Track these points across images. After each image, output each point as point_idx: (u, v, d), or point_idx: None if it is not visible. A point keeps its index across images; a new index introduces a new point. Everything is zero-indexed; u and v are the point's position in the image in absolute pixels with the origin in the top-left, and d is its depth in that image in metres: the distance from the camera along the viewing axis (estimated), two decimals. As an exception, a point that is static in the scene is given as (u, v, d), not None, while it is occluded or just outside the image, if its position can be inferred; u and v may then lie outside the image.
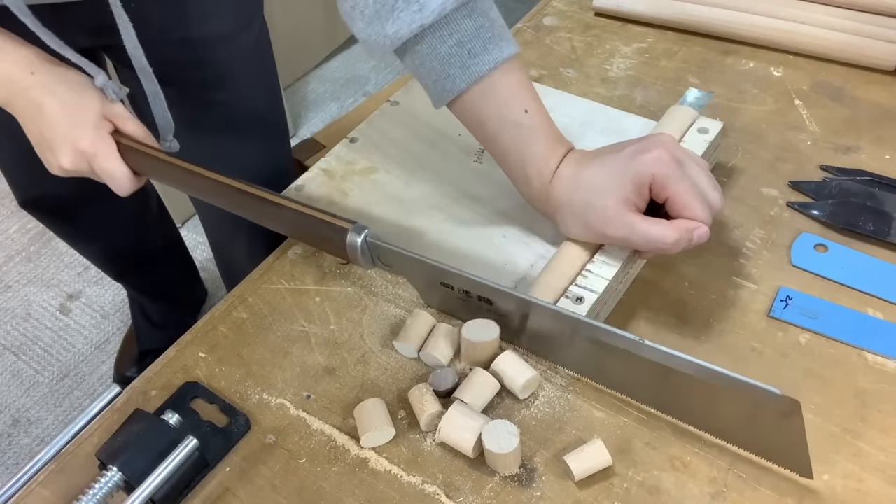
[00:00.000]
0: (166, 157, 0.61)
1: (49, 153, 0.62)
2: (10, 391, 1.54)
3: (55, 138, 0.60)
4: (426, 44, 0.57)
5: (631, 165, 0.55)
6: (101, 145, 0.60)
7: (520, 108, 0.59)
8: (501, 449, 0.50)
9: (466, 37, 0.57)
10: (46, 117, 0.60)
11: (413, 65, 0.60)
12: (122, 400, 0.59)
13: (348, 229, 0.57)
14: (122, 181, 0.62)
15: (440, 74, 0.58)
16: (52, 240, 1.81)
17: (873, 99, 0.77)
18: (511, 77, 0.59)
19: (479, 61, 0.57)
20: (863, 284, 0.61)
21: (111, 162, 0.61)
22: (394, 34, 0.56)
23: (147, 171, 0.63)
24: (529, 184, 0.61)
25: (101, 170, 0.61)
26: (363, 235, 0.57)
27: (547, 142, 0.59)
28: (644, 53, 0.86)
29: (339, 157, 0.75)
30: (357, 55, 2.27)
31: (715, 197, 0.55)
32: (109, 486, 0.50)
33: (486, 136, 0.61)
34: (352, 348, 0.61)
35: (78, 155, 0.61)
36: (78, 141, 0.60)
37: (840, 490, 0.50)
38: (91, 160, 0.61)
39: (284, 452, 0.55)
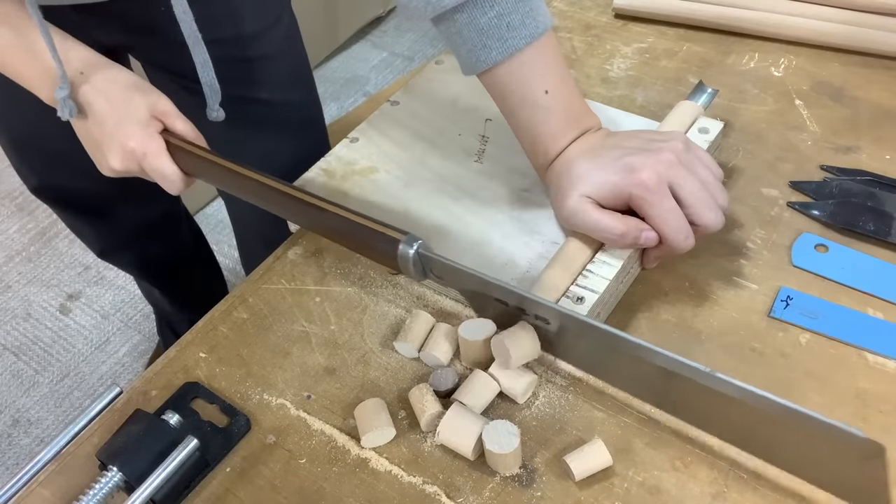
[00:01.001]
0: (216, 157, 0.60)
1: (99, 153, 0.62)
2: (10, 391, 1.54)
3: (104, 138, 0.60)
4: (467, 13, 0.58)
5: (614, 178, 0.57)
6: (151, 144, 0.60)
7: (541, 88, 0.60)
8: (502, 449, 0.50)
9: (507, 9, 0.58)
10: (96, 117, 0.60)
11: (448, 33, 0.61)
12: (122, 400, 0.59)
13: (400, 241, 0.55)
14: (174, 180, 0.61)
15: (476, 45, 0.59)
16: (52, 240, 1.81)
17: (873, 99, 0.77)
18: (540, 53, 0.60)
19: (517, 35, 0.58)
20: (863, 284, 0.61)
21: (161, 161, 0.60)
22: (437, 2, 0.57)
23: (196, 171, 0.62)
24: (535, 157, 0.64)
25: (151, 169, 0.61)
26: (415, 247, 0.55)
27: (560, 123, 0.61)
28: (644, 53, 0.86)
29: (339, 157, 0.75)
30: (357, 55, 2.27)
31: (710, 218, 0.56)
32: (109, 487, 0.50)
33: (505, 108, 0.63)
34: (352, 348, 0.61)
35: (127, 155, 0.60)
36: (126, 140, 0.59)
37: (840, 490, 0.50)
38: (141, 160, 0.60)
39: (285, 452, 0.55)
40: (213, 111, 0.68)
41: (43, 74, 0.60)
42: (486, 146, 0.74)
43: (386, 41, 2.33)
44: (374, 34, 2.36)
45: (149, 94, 0.61)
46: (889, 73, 0.79)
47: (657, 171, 0.55)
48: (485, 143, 0.74)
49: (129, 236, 1.13)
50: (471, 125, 0.76)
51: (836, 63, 0.81)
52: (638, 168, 0.56)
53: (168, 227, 1.17)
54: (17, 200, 1.91)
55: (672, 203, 0.56)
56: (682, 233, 0.56)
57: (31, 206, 1.89)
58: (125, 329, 1.64)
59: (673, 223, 0.55)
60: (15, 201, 1.91)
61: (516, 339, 0.54)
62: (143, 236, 1.13)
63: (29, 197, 1.89)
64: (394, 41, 2.32)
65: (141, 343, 1.61)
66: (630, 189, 0.56)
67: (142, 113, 0.60)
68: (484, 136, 0.75)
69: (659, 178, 0.55)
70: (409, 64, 2.23)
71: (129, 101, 0.60)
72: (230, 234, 1.81)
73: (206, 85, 0.65)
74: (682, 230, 0.56)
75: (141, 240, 1.13)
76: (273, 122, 0.87)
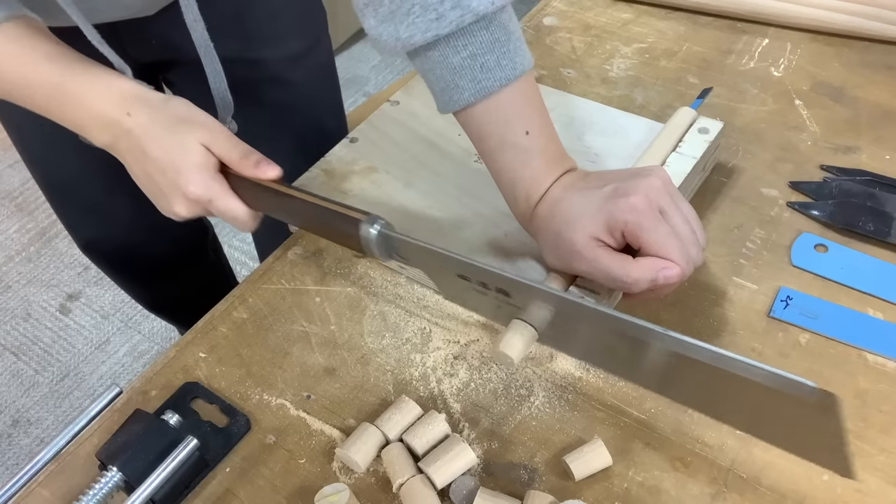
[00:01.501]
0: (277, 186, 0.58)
1: (163, 200, 0.59)
2: (10, 391, 1.54)
3: (165, 185, 0.58)
4: (438, 52, 0.56)
5: (606, 207, 0.53)
6: (214, 187, 0.57)
7: (522, 128, 0.57)
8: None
9: (481, 50, 0.55)
10: (152, 163, 0.57)
11: (422, 68, 0.58)
12: (122, 400, 0.59)
13: (361, 220, 0.54)
14: (245, 220, 0.59)
15: (448, 83, 0.57)
16: (52, 240, 1.81)
17: (873, 99, 0.77)
18: (519, 95, 0.57)
19: (491, 76, 0.55)
20: (863, 284, 0.61)
21: (228, 202, 0.58)
22: (406, 38, 0.55)
23: (260, 203, 0.60)
24: (517, 204, 0.60)
25: (220, 213, 0.59)
26: (377, 227, 0.54)
27: (542, 165, 0.58)
28: (644, 53, 0.86)
29: (339, 157, 0.75)
30: (357, 55, 2.27)
31: (694, 252, 0.52)
32: (109, 487, 0.50)
33: (484, 150, 0.60)
34: (352, 348, 0.61)
35: (192, 202, 0.58)
36: (188, 187, 0.57)
37: (840, 490, 0.50)
38: (207, 205, 0.58)
39: (284, 452, 0.55)
40: (225, 123, 0.66)
41: (94, 117, 0.57)
42: (486, 146, 0.74)
43: (386, 41, 2.33)
44: (374, 34, 2.36)
45: (196, 126, 0.58)
46: (889, 73, 0.79)
47: (648, 195, 0.52)
48: (485, 143, 0.74)
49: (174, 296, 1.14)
50: (471, 125, 0.76)
51: (837, 63, 0.81)
52: (629, 192, 0.52)
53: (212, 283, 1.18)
54: (16, 200, 1.91)
55: (668, 227, 0.52)
56: (685, 257, 0.52)
57: (31, 206, 1.89)
58: (125, 329, 1.64)
59: (675, 247, 0.51)
60: (15, 201, 1.91)
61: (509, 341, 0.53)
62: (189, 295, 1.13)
63: (29, 197, 1.90)
64: (394, 41, 2.32)
65: (141, 343, 1.61)
66: (623, 215, 0.51)
67: (197, 154, 0.57)
68: (484, 136, 0.75)
69: (650, 202, 0.52)
70: (409, 64, 2.23)
71: (183, 144, 0.57)
72: (230, 234, 1.81)
73: (217, 95, 0.64)
74: (685, 254, 0.51)
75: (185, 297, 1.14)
76: (304, 148, 0.86)
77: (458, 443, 0.52)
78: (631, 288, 0.52)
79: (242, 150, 0.58)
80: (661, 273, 0.50)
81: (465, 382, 0.58)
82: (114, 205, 0.92)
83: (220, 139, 0.58)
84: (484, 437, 0.54)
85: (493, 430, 0.55)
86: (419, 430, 0.53)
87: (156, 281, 1.10)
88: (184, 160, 0.56)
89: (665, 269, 0.50)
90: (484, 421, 0.55)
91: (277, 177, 0.58)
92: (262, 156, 0.58)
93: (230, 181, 0.58)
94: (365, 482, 0.53)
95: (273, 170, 0.58)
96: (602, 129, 0.74)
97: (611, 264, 0.52)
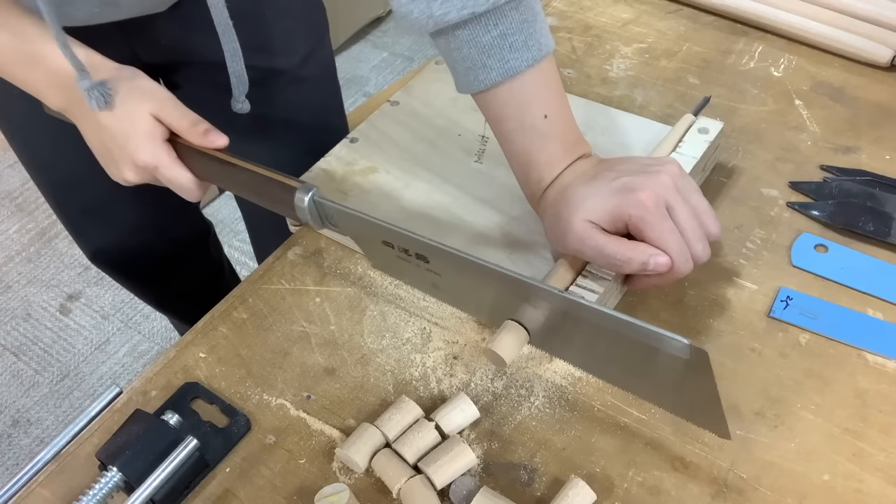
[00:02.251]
0: (221, 155, 0.60)
1: (112, 166, 0.61)
2: (10, 391, 1.54)
3: (114, 151, 0.59)
4: (469, 30, 0.56)
5: (613, 200, 0.54)
6: (161, 155, 0.59)
7: (541, 112, 0.58)
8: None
9: (511, 29, 0.56)
10: (103, 130, 0.59)
11: (447, 48, 0.58)
12: (122, 400, 0.59)
13: (297, 188, 0.57)
14: (190, 188, 0.61)
15: (475, 63, 0.57)
16: (53, 240, 1.81)
17: (873, 99, 0.77)
18: (541, 77, 0.58)
19: (518, 56, 0.56)
20: (863, 285, 0.61)
21: (175, 171, 0.59)
22: (440, 16, 0.55)
23: (208, 173, 0.61)
24: (528, 185, 0.61)
25: (166, 180, 0.60)
26: (310, 194, 0.56)
27: (557, 149, 0.59)
28: (644, 53, 0.86)
29: (339, 157, 0.75)
30: (357, 55, 2.27)
31: (698, 248, 0.54)
32: (109, 487, 0.50)
33: (501, 132, 0.60)
34: (352, 348, 0.61)
35: (139, 169, 0.60)
36: (136, 154, 0.58)
37: (840, 490, 0.50)
38: (154, 172, 0.60)
39: (284, 453, 0.55)
40: (238, 102, 0.67)
41: (50, 78, 0.59)
42: (486, 146, 0.74)
43: (386, 41, 2.33)
44: (374, 34, 2.36)
45: (146, 95, 0.59)
46: (889, 73, 0.80)
47: (656, 192, 0.53)
48: (485, 143, 0.74)
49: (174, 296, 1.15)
50: (471, 125, 0.76)
51: (836, 63, 0.81)
52: (637, 188, 0.53)
53: (211, 282, 1.18)
54: (17, 200, 1.91)
55: (671, 225, 0.53)
56: (684, 255, 0.53)
57: (31, 206, 1.89)
58: (125, 329, 1.64)
59: (674, 245, 0.52)
60: (15, 201, 1.91)
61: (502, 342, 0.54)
62: (189, 292, 1.14)
63: (29, 197, 1.90)
64: (394, 41, 2.32)
65: (141, 343, 1.61)
66: (630, 210, 0.53)
67: (145, 122, 0.58)
68: (484, 136, 0.75)
69: (658, 199, 0.53)
70: (409, 64, 2.23)
71: (133, 112, 0.58)
72: (230, 234, 1.81)
73: (233, 75, 0.64)
74: (684, 252, 0.53)
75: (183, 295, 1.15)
76: (307, 152, 0.88)
77: (458, 443, 0.52)
78: (622, 267, 0.53)
79: (191, 119, 0.59)
80: (652, 258, 0.52)
81: (465, 382, 0.58)
82: (116, 206, 0.92)
83: (169, 108, 0.59)
84: (484, 437, 0.54)
85: (493, 431, 0.55)
86: (409, 438, 0.53)
87: (161, 280, 1.10)
88: (132, 128, 0.58)
89: (656, 255, 0.52)
90: (484, 421, 0.55)
91: (224, 146, 0.59)
92: (210, 125, 0.60)
93: (177, 150, 0.60)
94: (365, 482, 0.53)
95: (220, 139, 0.59)
96: (602, 129, 0.74)
97: (606, 243, 0.53)
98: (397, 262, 0.59)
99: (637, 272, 0.53)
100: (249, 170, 0.59)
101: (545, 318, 0.53)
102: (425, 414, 0.54)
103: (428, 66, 0.84)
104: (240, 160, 0.59)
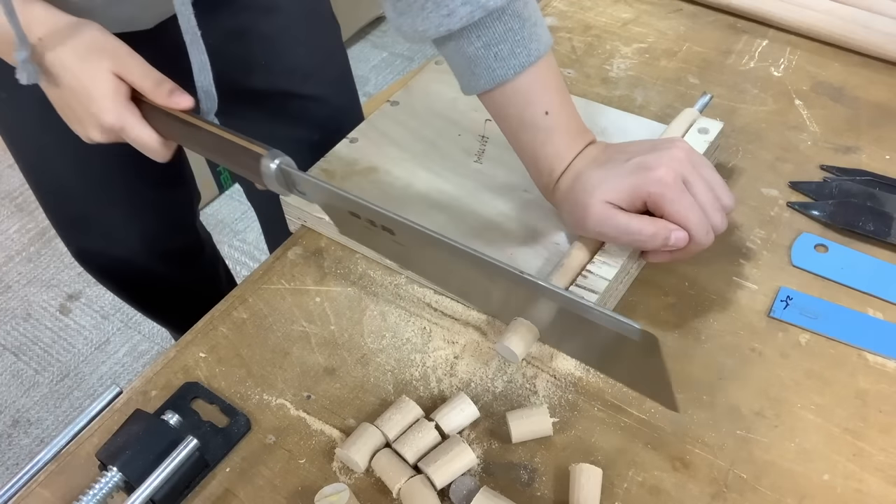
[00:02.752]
0: (181, 115, 0.59)
1: (78, 126, 0.61)
2: (10, 391, 1.54)
3: (78, 111, 0.59)
4: (454, 42, 0.58)
5: (630, 179, 0.55)
6: (126, 116, 0.58)
7: (541, 109, 0.59)
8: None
9: (494, 40, 0.57)
10: (66, 90, 0.58)
11: (443, 54, 0.61)
12: (122, 400, 0.59)
13: (262, 155, 0.56)
14: (156, 149, 0.60)
15: (465, 70, 0.59)
16: (53, 240, 1.81)
17: (873, 99, 0.77)
18: (536, 78, 0.59)
19: (504, 65, 0.57)
20: (863, 284, 0.61)
21: (141, 131, 0.59)
22: (422, 31, 0.57)
23: (171, 132, 0.61)
24: (539, 178, 0.62)
25: (132, 140, 0.60)
26: (277, 162, 0.56)
27: (563, 141, 0.60)
28: (644, 53, 0.86)
29: (339, 157, 0.75)
30: (357, 55, 2.27)
31: (717, 219, 0.56)
32: (109, 487, 0.50)
33: (506, 130, 0.62)
34: (352, 348, 0.61)
35: (105, 130, 0.59)
36: (100, 115, 0.58)
37: (840, 490, 0.50)
38: (119, 133, 0.59)
39: (284, 452, 0.55)
40: (208, 118, 0.65)
41: (3, 39, 0.57)
42: (486, 146, 0.74)
43: (386, 41, 2.33)
44: (374, 34, 2.36)
45: (108, 53, 0.58)
46: (889, 73, 0.79)
47: (672, 167, 0.54)
48: (485, 143, 0.74)
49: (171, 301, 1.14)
50: (471, 125, 0.76)
51: (836, 63, 0.81)
52: (653, 166, 0.54)
53: (199, 295, 1.17)
54: (16, 200, 1.91)
55: (691, 199, 0.54)
56: (704, 227, 0.55)
57: (31, 206, 1.89)
58: (125, 329, 1.64)
59: (695, 219, 0.54)
60: (15, 201, 1.91)
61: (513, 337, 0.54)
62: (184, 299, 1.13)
63: (29, 197, 1.89)
64: (394, 41, 2.32)
65: (141, 343, 1.61)
66: (648, 187, 0.54)
67: (108, 83, 0.57)
68: (484, 136, 0.75)
69: (676, 175, 0.54)
70: (409, 64, 2.23)
71: (94, 71, 0.57)
72: (230, 234, 1.81)
73: (201, 90, 0.63)
74: (704, 225, 0.55)
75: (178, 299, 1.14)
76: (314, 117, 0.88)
77: (458, 443, 0.52)
78: (646, 243, 0.55)
79: (155, 79, 0.58)
80: (673, 233, 0.54)
81: (465, 382, 0.58)
82: (106, 217, 0.91)
83: (132, 66, 0.58)
84: (484, 437, 0.54)
85: (493, 430, 0.55)
86: (409, 438, 0.53)
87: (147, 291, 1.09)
88: (95, 89, 0.57)
89: (676, 230, 0.54)
90: (484, 421, 0.55)
91: (189, 107, 0.58)
92: (175, 85, 0.59)
93: (143, 110, 0.59)
94: (365, 482, 0.53)
95: (185, 100, 0.58)
96: (602, 129, 0.73)
97: (629, 221, 0.55)
98: (365, 232, 0.59)
99: (659, 248, 0.55)
100: (216, 134, 0.58)
101: (507, 298, 0.55)
102: (425, 414, 0.54)
103: (428, 66, 0.84)
104: (206, 123, 0.58)
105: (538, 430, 0.53)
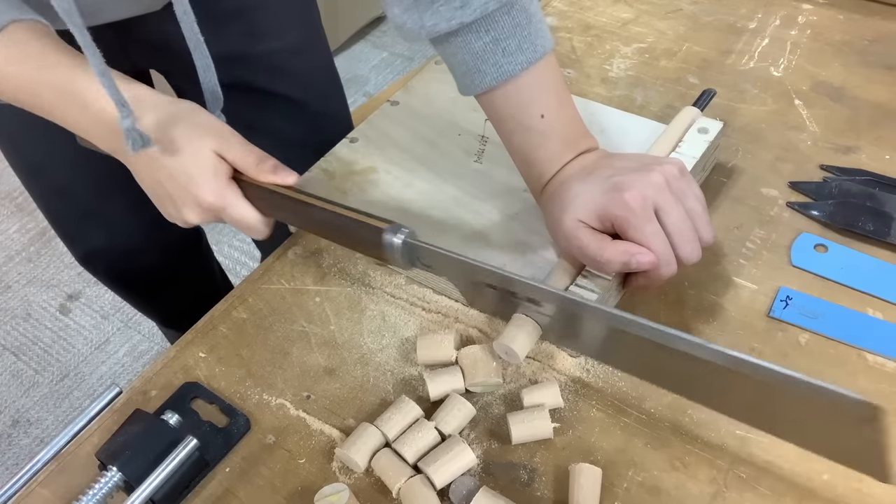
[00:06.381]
0: (289, 192, 0.57)
1: (171, 207, 0.58)
2: (10, 391, 1.54)
3: (175, 192, 0.57)
4: (461, 38, 0.57)
5: (602, 199, 0.53)
6: (227, 195, 0.56)
7: (537, 112, 0.59)
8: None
9: (503, 34, 0.56)
10: (162, 170, 0.56)
11: (445, 53, 0.60)
12: (122, 400, 0.59)
13: (384, 230, 0.54)
14: (258, 228, 0.58)
15: (470, 68, 0.58)
16: (53, 240, 1.81)
17: (873, 99, 0.77)
18: (538, 77, 0.58)
19: (512, 60, 0.57)
20: (863, 284, 0.61)
21: (242, 210, 0.57)
22: (431, 26, 0.56)
23: (272, 209, 0.58)
24: (530, 180, 0.62)
25: (232, 221, 0.58)
26: (402, 236, 0.54)
27: (556, 147, 0.59)
28: (644, 53, 0.86)
29: (339, 158, 0.75)
30: (357, 55, 2.27)
31: (686, 251, 0.53)
32: (109, 487, 0.50)
33: (501, 131, 0.62)
34: (352, 348, 0.61)
35: (204, 210, 0.57)
36: (200, 195, 0.56)
37: (840, 490, 0.50)
38: (220, 213, 0.57)
39: (284, 452, 0.55)
40: None
41: (96, 119, 0.55)
42: (486, 146, 0.74)
43: (386, 41, 2.33)
44: (374, 34, 2.36)
45: (208, 131, 0.56)
46: (889, 73, 0.80)
47: (643, 193, 0.52)
48: (485, 143, 0.74)
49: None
50: (471, 125, 0.76)
51: (837, 63, 0.81)
52: (625, 188, 0.52)
53: (203, 289, 1.17)
54: (17, 200, 1.91)
55: (656, 227, 0.52)
56: (666, 258, 0.52)
57: (31, 206, 1.89)
58: (125, 329, 1.64)
59: (657, 248, 0.52)
60: (15, 201, 1.91)
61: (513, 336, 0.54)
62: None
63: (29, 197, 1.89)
64: (394, 41, 2.32)
65: (141, 343, 1.61)
66: (615, 210, 0.52)
67: (209, 161, 0.55)
68: (484, 136, 0.75)
69: (644, 201, 0.52)
70: (409, 64, 2.23)
71: (194, 150, 0.55)
72: (230, 234, 1.81)
73: (207, 90, 0.63)
74: (666, 255, 0.52)
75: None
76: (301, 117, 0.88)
77: (458, 443, 0.52)
78: (604, 267, 0.54)
79: (258, 156, 0.57)
80: (635, 258, 0.52)
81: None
82: (109, 212, 0.91)
83: (233, 144, 0.57)
84: (484, 437, 0.54)
85: (493, 430, 0.55)
86: (409, 438, 0.53)
87: (152, 286, 1.09)
88: (196, 167, 0.55)
89: (639, 254, 0.52)
90: (484, 421, 0.55)
91: (295, 182, 0.57)
92: (278, 161, 0.57)
93: (242, 187, 0.57)
94: (365, 482, 0.53)
95: (290, 175, 0.57)
96: (602, 129, 0.74)
97: (589, 242, 0.54)
98: (503, 304, 0.55)
99: (622, 271, 0.54)
100: (331, 210, 0.55)
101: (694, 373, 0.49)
102: (425, 414, 0.54)
103: (428, 66, 0.84)
104: (315, 198, 0.56)
105: (539, 433, 0.53)
